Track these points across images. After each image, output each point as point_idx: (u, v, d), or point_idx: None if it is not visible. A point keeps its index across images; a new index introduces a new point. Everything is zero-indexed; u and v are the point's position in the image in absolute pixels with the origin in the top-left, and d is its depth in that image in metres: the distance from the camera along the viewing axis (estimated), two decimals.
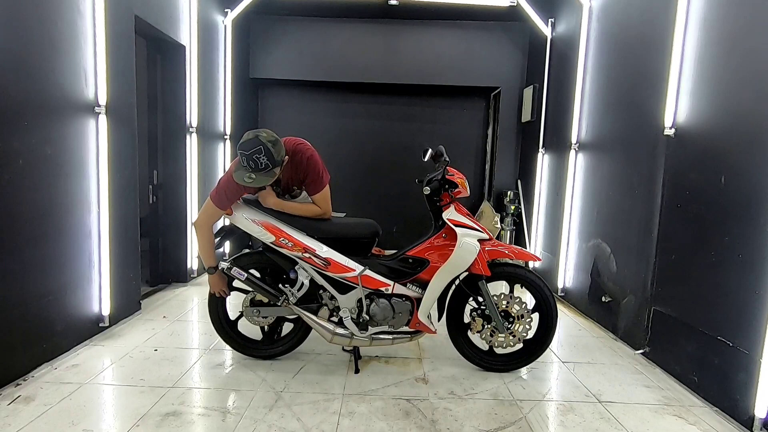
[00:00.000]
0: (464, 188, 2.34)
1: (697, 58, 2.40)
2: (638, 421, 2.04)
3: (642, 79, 2.88)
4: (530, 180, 4.77)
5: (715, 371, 2.17)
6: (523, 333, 2.41)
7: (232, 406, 2.04)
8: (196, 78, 3.92)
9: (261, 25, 5.15)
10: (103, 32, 2.68)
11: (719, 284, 2.15)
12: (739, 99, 2.11)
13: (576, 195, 3.74)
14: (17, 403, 2.00)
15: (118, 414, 1.96)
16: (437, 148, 2.37)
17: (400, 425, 1.93)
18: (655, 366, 2.60)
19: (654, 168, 2.70)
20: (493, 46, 5.16)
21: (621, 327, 3.01)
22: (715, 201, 2.20)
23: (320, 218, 2.35)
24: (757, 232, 1.95)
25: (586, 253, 3.53)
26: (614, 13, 3.32)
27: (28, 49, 2.21)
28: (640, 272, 2.79)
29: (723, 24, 2.25)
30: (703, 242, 2.28)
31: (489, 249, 2.32)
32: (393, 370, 2.46)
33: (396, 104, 5.66)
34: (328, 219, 2.38)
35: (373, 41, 5.18)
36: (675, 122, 2.53)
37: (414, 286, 2.35)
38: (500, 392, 2.26)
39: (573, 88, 3.76)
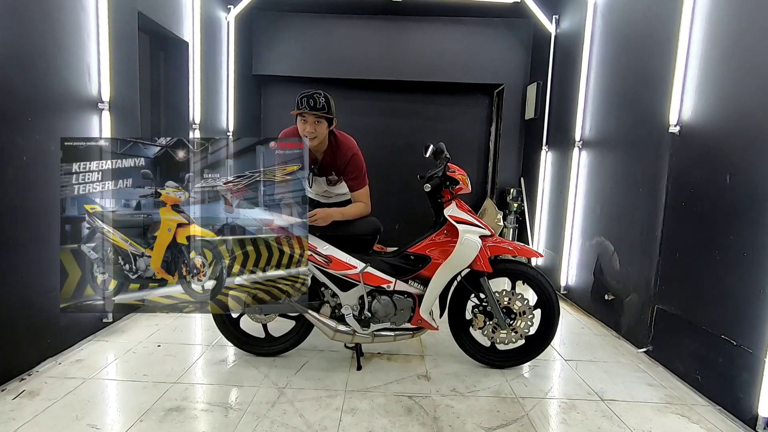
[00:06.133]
0: (465, 185, 2.34)
1: (702, 55, 2.38)
2: (641, 419, 2.03)
3: (647, 76, 2.86)
4: (533, 177, 4.75)
5: (718, 370, 2.16)
6: (525, 329, 2.40)
7: (234, 402, 2.05)
8: (199, 74, 3.91)
9: (264, 21, 5.14)
10: (106, 29, 2.68)
11: (723, 282, 2.14)
12: (745, 96, 2.09)
13: (579, 192, 3.72)
14: (22, 398, 2.01)
15: (122, 409, 1.98)
16: (438, 145, 2.36)
17: (402, 422, 1.94)
18: (658, 364, 2.59)
19: (658, 166, 2.68)
20: (497, 42, 5.13)
21: (624, 325, 3.00)
22: (720, 199, 2.19)
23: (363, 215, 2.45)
24: (761, 230, 1.94)
25: (589, 251, 3.51)
26: (619, 10, 3.30)
27: (32, 45, 2.21)
28: (644, 270, 2.78)
29: (728, 21, 2.22)
30: (707, 240, 2.26)
31: (491, 245, 2.32)
32: (395, 367, 2.47)
33: (398, 101, 5.64)
34: (368, 214, 2.50)
35: (376, 38, 5.16)
36: (680, 120, 2.51)
37: (416, 282, 2.35)
38: (502, 389, 2.26)
39: (577, 85, 3.73)
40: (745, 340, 2.00)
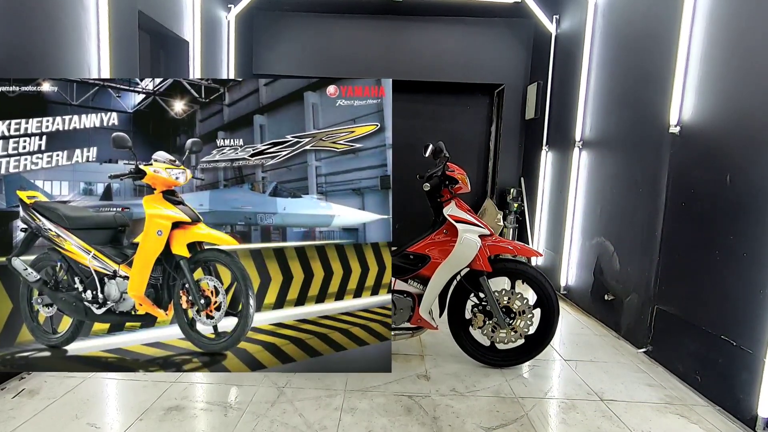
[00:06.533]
0: (465, 184, 2.34)
1: (703, 55, 2.38)
2: (640, 419, 2.03)
3: (647, 76, 2.86)
4: (533, 177, 4.75)
5: (718, 370, 2.15)
6: (524, 329, 2.40)
7: (234, 402, 2.05)
8: (200, 74, 3.91)
9: (264, 21, 5.14)
10: (106, 27, 2.68)
11: (723, 283, 2.14)
12: (746, 97, 2.09)
13: (579, 193, 3.72)
14: (21, 397, 2.01)
15: (122, 408, 1.98)
16: (437, 144, 2.36)
17: (401, 422, 1.93)
18: (657, 365, 2.59)
19: (659, 166, 2.68)
20: (497, 42, 5.13)
21: (624, 325, 3.00)
22: (720, 199, 2.19)
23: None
24: (762, 231, 1.94)
25: (589, 251, 3.51)
26: (620, 10, 3.29)
27: (33, 44, 2.21)
28: (644, 270, 2.78)
29: (729, 21, 2.22)
30: (707, 241, 2.26)
31: (490, 245, 2.32)
32: (395, 367, 2.46)
33: (399, 101, 5.60)
34: None
35: (377, 38, 5.16)
36: (680, 120, 2.51)
37: (415, 282, 2.35)
38: (502, 389, 2.25)
39: (577, 85, 3.73)
40: (744, 341, 2.00)
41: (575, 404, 2.15)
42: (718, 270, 2.18)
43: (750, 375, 1.96)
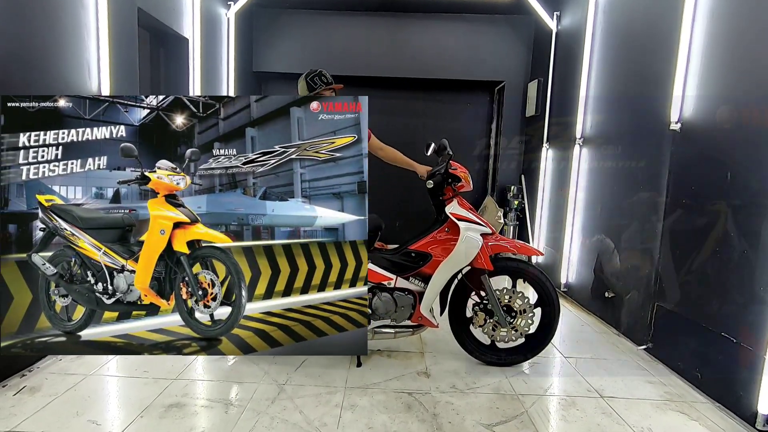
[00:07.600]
0: (467, 182, 2.34)
1: (703, 52, 2.37)
2: (640, 416, 2.03)
3: (648, 73, 2.85)
4: (534, 175, 4.74)
5: (718, 367, 2.16)
6: (525, 328, 2.41)
7: (234, 398, 2.06)
8: (199, 71, 3.90)
9: (264, 18, 5.12)
10: (106, 25, 2.67)
11: (723, 280, 2.14)
12: (746, 94, 2.09)
13: (580, 190, 3.71)
14: (23, 394, 2.02)
15: (123, 405, 1.98)
16: (440, 142, 2.36)
17: (401, 418, 1.94)
18: (657, 362, 2.60)
19: (659, 163, 2.67)
20: (498, 39, 5.12)
21: (624, 323, 3.00)
22: (721, 197, 2.18)
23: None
24: (762, 228, 1.93)
25: (589, 249, 3.51)
26: (620, 7, 3.28)
27: (32, 41, 2.21)
28: (644, 268, 2.78)
29: (730, 18, 2.21)
30: (707, 238, 2.26)
31: (492, 243, 2.32)
32: (395, 364, 2.47)
33: (399, 98, 5.63)
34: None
35: (377, 35, 5.14)
36: (681, 117, 2.50)
37: (416, 280, 2.35)
38: (502, 386, 2.26)
39: (578, 82, 3.72)
40: (745, 338, 2.00)
41: (575, 401, 2.15)
42: (718, 267, 2.18)
43: (750, 372, 1.96)
